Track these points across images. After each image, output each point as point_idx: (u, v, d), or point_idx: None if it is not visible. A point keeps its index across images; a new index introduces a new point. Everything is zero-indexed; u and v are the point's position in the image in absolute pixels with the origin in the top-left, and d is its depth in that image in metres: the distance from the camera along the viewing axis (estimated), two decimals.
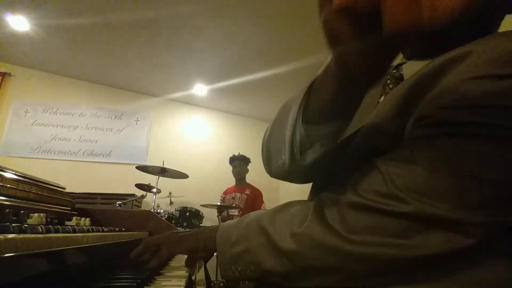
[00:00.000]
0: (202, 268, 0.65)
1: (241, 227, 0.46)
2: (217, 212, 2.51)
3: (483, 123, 0.29)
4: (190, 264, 0.70)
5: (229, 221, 0.51)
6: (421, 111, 0.33)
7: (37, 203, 0.78)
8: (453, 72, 0.32)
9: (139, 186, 2.71)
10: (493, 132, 0.28)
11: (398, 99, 0.38)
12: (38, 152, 3.37)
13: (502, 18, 0.44)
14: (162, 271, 0.88)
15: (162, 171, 2.58)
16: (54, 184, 0.94)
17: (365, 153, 0.42)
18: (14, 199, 0.68)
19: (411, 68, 0.46)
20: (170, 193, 2.95)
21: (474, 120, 0.29)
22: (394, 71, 0.51)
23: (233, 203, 2.85)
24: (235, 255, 0.43)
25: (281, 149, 0.45)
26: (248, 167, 3.12)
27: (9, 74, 3.45)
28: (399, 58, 0.52)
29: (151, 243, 0.57)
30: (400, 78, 0.49)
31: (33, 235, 0.40)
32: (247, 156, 3.11)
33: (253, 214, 0.48)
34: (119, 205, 2.26)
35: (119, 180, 3.33)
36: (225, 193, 3.01)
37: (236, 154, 3.09)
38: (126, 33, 2.67)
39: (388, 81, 0.51)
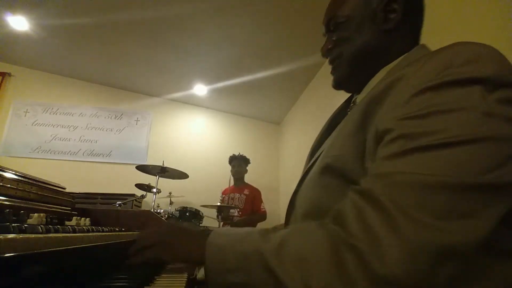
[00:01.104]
0: (202, 268, 0.64)
1: (238, 251, 0.41)
2: (217, 212, 2.51)
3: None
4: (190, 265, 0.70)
5: (222, 232, 0.46)
6: (382, 125, 0.39)
7: (37, 203, 0.78)
8: (396, 90, 0.41)
9: (139, 186, 2.71)
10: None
11: (357, 117, 0.45)
12: (38, 152, 3.37)
13: (419, 30, 0.56)
14: (162, 271, 0.88)
15: (162, 171, 2.58)
16: (54, 184, 0.94)
17: (331, 169, 0.48)
18: (14, 199, 0.68)
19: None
20: (170, 193, 2.95)
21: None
22: (352, 104, 0.62)
23: (232, 203, 2.85)
24: (231, 285, 0.40)
25: None
26: (248, 167, 3.12)
27: (9, 74, 3.44)
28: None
29: (143, 242, 0.52)
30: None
31: (33, 235, 0.40)
32: (247, 156, 3.12)
33: (251, 238, 0.42)
34: (119, 205, 2.26)
35: (119, 180, 3.33)
36: (224, 193, 3.01)
37: (236, 154, 3.09)
38: (126, 33, 2.67)
39: (349, 110, 0.62)
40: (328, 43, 0.61)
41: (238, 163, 3.04)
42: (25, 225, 0.41)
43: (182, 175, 2.75)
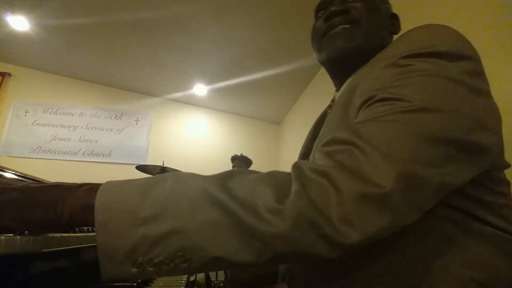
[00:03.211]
0: None
1: (158, 195, 0.30)
2: None
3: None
4: None
5: (117, 181, 0.33)
6: (359, 100, 0.40)
7: None
8: (368, 73, 0.45)
9: None
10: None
11: (339, 109, 0.47)
12: (38, 152, 3.37)
13: (391, 37, 0.59)
14: None
15: (162, 171, 2.58)
16: None
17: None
18: None
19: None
20: None
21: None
22: (331, 102, 0.64)
23: None
24: (150, 238, 0.27)
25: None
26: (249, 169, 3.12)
27: (9, 74, 3.44)
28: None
29: None
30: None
31: (33, 235, 0.40)
32: (248, 156, 3.11)
33: (175, 175, 0.33)
34: None
35: None
36: None
37: (238, 154, 3.10)
38: (126, 33, 2.67)
39: (328, 110, 0.62)
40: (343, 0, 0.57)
41: (239, 163, 3.04)
42: None
43: None
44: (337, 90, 0.62)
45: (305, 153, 0.63)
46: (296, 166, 0.33)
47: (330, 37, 0.55)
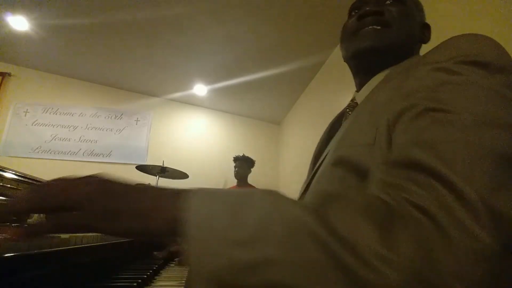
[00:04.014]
0: None
1: (250, 215, 0.27)
2: None
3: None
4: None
5: (202, 192, 0.29)
6: (403, 106, 0.38)
7: None
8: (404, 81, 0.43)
9: None
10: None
11: (367, 114, 0.46)
12: (38, 152, 3.37)
13: (420, 46, 0.61)
14: (162, 271, 0.88)
15: (162, 171, 2.58)
16: None
17: (344, 161, 0.45)
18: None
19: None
20: None
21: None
22: (351, 101, 0.62)
23: None
24: (242, 263, 0.24)
25: None
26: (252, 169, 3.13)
27: (9, 74, 3.44)
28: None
29: (63, 194, 0.29)
30: (355, 106, 0.59)
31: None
32: (248, 156, 3.12)
33: (263, 194, 0.29)
34: None
35: None
36: None
37: (240, 155, 3.11)
38: (126, 33, 2.67)
39: (348, 110, 0.61)
40: (379, 1, 0.58)
41: (240, 164, 3.05)
42: (25, 225, 0.41)
43: (182, 175, 2.75)
44: (357, 90, 0.61)
45: (320, 152, 0.61)
46: (391, 194, 0.29)
47: (360, 35, 0.57)
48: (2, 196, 0.66)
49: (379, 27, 0.55)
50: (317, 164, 0.54)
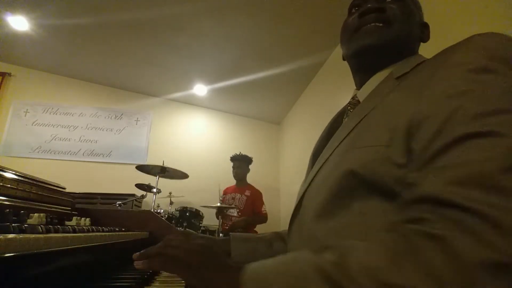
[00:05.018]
0: None
1: (286, 273, 0.31)
2: (216, 211, 2.51)
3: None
4: None
5: (259, 264, 0.35)
6: (419, 114, 0.37)
7: (37, 203, 0.78)
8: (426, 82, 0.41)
9: (139, 186, 2.71)
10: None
11: (381, 117, 0.45)
12: (38, 152, 3.37)
13: (419, 45, 0.60)
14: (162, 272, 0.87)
15: (162, 171, 2.58)
16: (54, 184, 0.94)
17: (353, 173, 0.43)
18: (14, 199, 0.68)
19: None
20: (170, 193, 2.95)
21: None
22: (352, 99, 0.61)
23: (232, 203, 2.85)
24: None
25: None
26: (250, 167, 3.11)
27: (9, 74, 3.45)
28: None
29: (166, 250, 0.41)
30: (357, 104, 0.59)
31: (33, 235, 0.40)
32: (245, 154, 3.09)
33: (320, 276, 0.30)
34: (119, 205, 2.26)
35: (119, 180, 3.33)
36: (225, 192, 3.01)
37: (237, 153, 3.07)
38: (126, 33, 2.67)
39: (349, 107, 0.61)
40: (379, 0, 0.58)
41: (238, 164, 3.02)
42: (25, 225, 0.41)
43: (182, 175, 2.74)
44: (358, 88, 0.61)
45: (318, 150, 0.61)
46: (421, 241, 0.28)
47: (361, 33, 0.56)
48: (2, 196, 0.66)
49: (381, 24, 0.55)
50: (319, 162, 0.53)
